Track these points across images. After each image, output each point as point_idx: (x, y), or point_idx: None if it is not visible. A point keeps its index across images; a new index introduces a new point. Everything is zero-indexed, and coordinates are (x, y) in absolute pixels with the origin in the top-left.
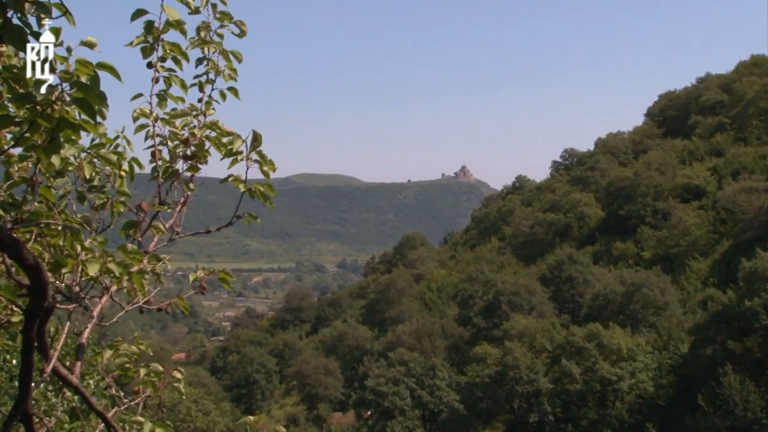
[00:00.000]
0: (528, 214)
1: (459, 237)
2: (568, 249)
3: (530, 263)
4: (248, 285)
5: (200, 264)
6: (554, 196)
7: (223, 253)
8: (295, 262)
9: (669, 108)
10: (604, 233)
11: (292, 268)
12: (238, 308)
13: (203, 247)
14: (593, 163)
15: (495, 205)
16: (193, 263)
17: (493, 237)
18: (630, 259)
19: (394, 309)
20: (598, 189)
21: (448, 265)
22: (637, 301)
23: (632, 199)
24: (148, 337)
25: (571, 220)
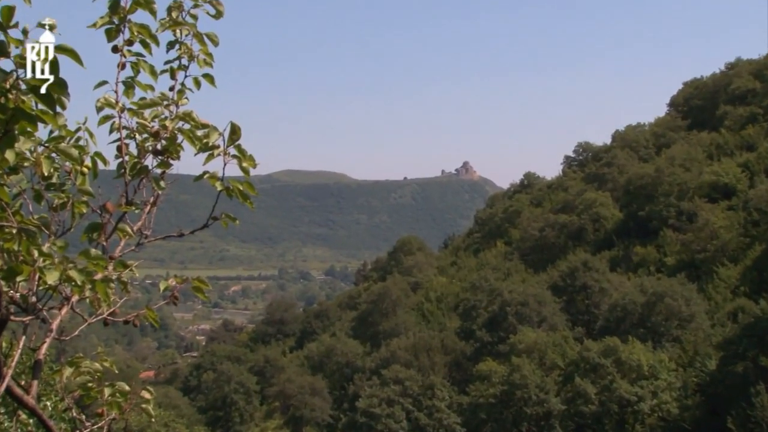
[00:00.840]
0: (537, 215)
1: (461, 241)
2: (583, 254)
3: (540, 270)
4: (225, 295)
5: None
6: (567, 195)
7: (197, 259)
8: (277, 268)
9: (695, 97)
10: (623, 237)
11: (274, 275)
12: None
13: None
14: (610, 159)
15: (501, 205)
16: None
17: (498, 241)
18: (651, 265)
19: (388, 321)
20: (615, 187)
21: (448, 272)
22: (660, 313)
23: (654, 199)
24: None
25: (585, 222)
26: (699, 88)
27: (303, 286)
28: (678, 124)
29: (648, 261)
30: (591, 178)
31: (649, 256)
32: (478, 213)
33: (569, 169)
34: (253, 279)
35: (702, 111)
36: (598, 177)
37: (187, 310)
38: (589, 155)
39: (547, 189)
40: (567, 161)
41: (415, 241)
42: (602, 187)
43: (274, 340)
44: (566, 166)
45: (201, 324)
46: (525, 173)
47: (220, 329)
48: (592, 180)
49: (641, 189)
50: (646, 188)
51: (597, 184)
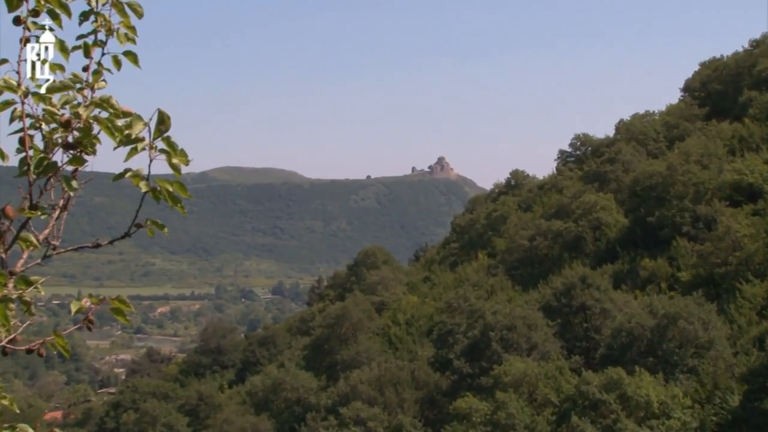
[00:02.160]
0: (527, 221)
1: (435, 252)
2: (581, 268)
3: (530, 287)
4: (151, 318)
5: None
6: (562, 197)
7: (116, 275)
8: (214, 286)
9: (713, 80)
10: (628, 247)
11: (210, 294)
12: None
13: (89, 266)
14: (613, 154)
15: (483, 209)
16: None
17: (480, 252)
18: (662, 281)
19: (347, 349)
20: (619, 188)
21: (420, 289)
22: (672, 339)
23: (665, 202)
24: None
25: (584, 230)
26: (718, 70)
27: (245, 307)
28: (694, 112)
29: (658, 276)
30: (590, 178)
31: (660, 270)
32: (455, 219)
33: (564, 166)
34: (184, 299)
35: (722, 97)
36: (599, 176)
37: (103, 336)
38: (588, 150)
39: (539, 190)
40: (562, 157)
41: (380, 252)
42: (604, 187)
43: (209, 372)
44: (561, 162)
45: (120, 353)
46: (512, 171)
47: (144, 359)
48: (591, 179)
49: (650, 190)
50: (656, 189)
51: (598, 185)
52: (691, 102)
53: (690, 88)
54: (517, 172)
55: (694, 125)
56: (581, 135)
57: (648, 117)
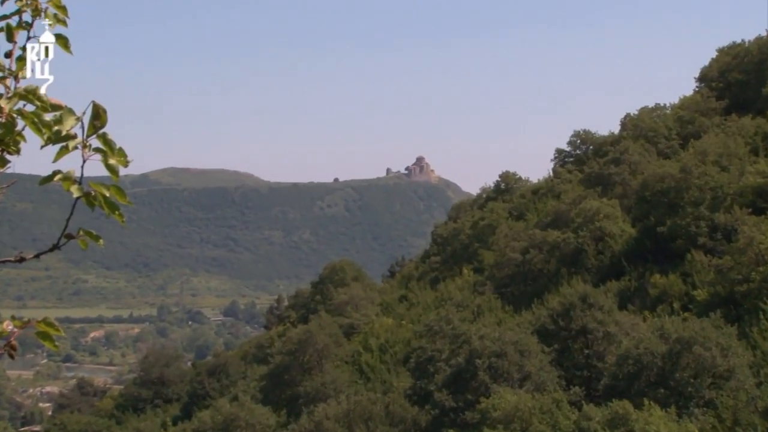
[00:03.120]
0: (519, 231)
1: (413, 267)
2: (581, 286)
3: (522, 307)
4: (82, 343)
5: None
6: (559, 203)
7: (42, 294)
8: (156, 306)
9: (733, 69)
10: (636, 261)
11: (151, 316)
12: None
13: (10, 283)
14: (619, 154)
15: (468, 217)
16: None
17: (465, 267)
18: (675, 301)
19: (311, 380)
20: (626, 193)
21: (396, 310)
22: (687, 367)
23: (678, 209)
24: None
25: (584, 242)
26: (739, 57)
27: (192, 331)
28: (711, 105)
29: (670, 295)
30: (592, 181)
31: (672, 288)
32: (436, 228)
33: (562, 167)
34: (121, 321)
35: (744, 88)
36: (603, 179)
37: (26, 365)
38: (589, 149)
39: (532, 195)
40: (559, 157)
41: (350, 267)
42: (608, 192)
43: (150, 407)
44: (558, 163)
45: (46, 385)
46: (501, 173)
47: (74, 392)
48: (593, 183)
49: (661, 195)
50: (668, 194)
51: (600, 189)
52: (708, 94)
53: (706, 77)
54: (507, 174)
55: (711, 120)
56: (581, 132)
57: (658, 111)
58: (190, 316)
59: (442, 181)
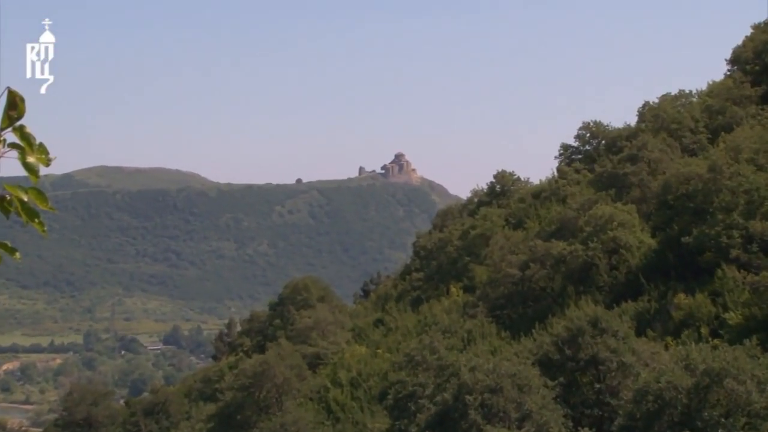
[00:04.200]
0: (517, 242)
1: (390, 284)
2: (591, 307)
3: (521, 333)
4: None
5: None
6: (565, 209)
7: None
8: (82, 333)
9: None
10: (657, 278)
11: (76, 345)
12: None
13: None
14: (636, 150)
15: (457, 225)
16: None
17: (453, 285)
18: (703, 325)
19: (269, 421)
20: (644, 197)
21: (370, 337)
22: (717, 404)
23: (706, 216)
24: None
25: (595, 255)
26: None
27: (126, 363)
28: (745, 92)
29: (698, 318)
30: (604, 182)
31: (700, 309)
32: (419, 238)
33: (569, 166)
34: (40, 351)
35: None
36: (617, 179)
37: None
38: (601, 144)
39: (533, 199)
40: (565, 154)
41: (315, 285)
42: (623, 196)
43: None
44: (564, 161)
45: None
46: (496, 173)
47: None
48: (606, 184)
49: (686, 200)
50: (695, 198)
51: (615, 192)
52: (742, 78)
53: (740, 59)
54: (503, 174)
55: (745, 110)
56: (592, 123)
57: (683, 99)
58: (122, 344)
59: (425, 182)
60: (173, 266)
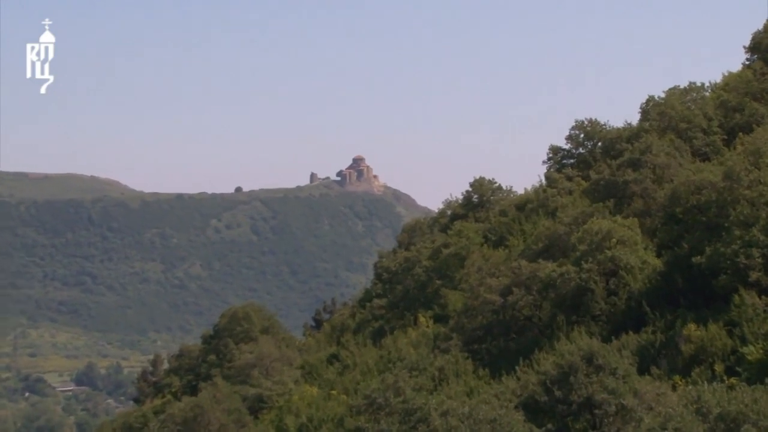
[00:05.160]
0: (498, 263)
1: (347, 313)
2: (586, 340)
3: (502, 371)
4: None
5: None
6: (555, 224)
7: None
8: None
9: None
10: (663, 306)
11: None
12: None
13: None
14: (638, 153)
15: (426, 242)
16: None
17: (421, 314)
18: (717, 361)
19: None
20: (648, 209)
21: (323, 376)
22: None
23: (721, 232)
24: None
25: (590, 277)
26: None
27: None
28: (766, 86)
29: (711, 353)
30: (601, 191)
31: (714, 343)
32: (381, 258)
33: (559, 173)
34: None
35: None
36: (616, 188)
37: None
38: (597, 146)
39: (518, 212)
40: (555, 158)
41: (258, 314)
42: (623, 208)
43: None
44: (553, 167)
45: None
46: (473, 180)
47: None
48: (603, 194)
49: (698, 212)
50: (708, 211)
51: (613, 203)
52: (763, 69)
53: (761, 46)
54: (482, 182)
55: (766, 107)
56: (586, 122)
57: (694, 93)
58: (27, 384)
59: (388, 191)
60: (88, 291)
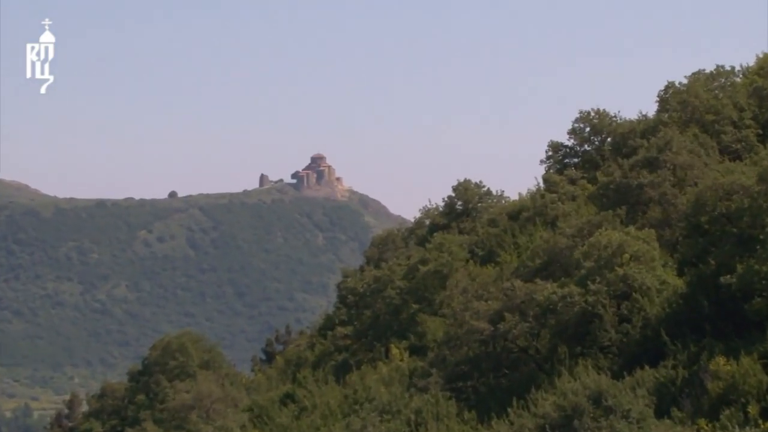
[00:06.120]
0: (486, 282)
1: (305, 344)
2: (593, 376)
3: (493, 414)
4: None
5: None
6: (555, 236)
7: None
8: None
9: None
10: (685, 335)
11: None
12: None
13: None
14: (656, 151)
15: (400, 258)
16: None
17: (394, 345)
18: (751, 401)
19: None
20: (667, 218)
21: (275, 419)
22: None
23: (755, 245)
24: None
25: (598, 300)
26: None
27: None
28: None
29: (743, 392)
30: (611, 197)
31: (746, 380)
32: (346, 278)
33: (560, 174)
34: None
35: None
36: (628, 193)
37: None
38: (605, 142)
39: (511, 222)
40: (555, 157)
41: (196, 345)
42: (637, 217)
43: None
44: (553, 167)
45: None
46: (457, 184)
47: None
48: (613, 200)
49: (727, 222)
50: (739, 221)
51: (626, 211)
52: None
53: None
54: (467, 185)
55: None
56: (593, 113)
57: (722, 79)
58: None
59: (354, 196)
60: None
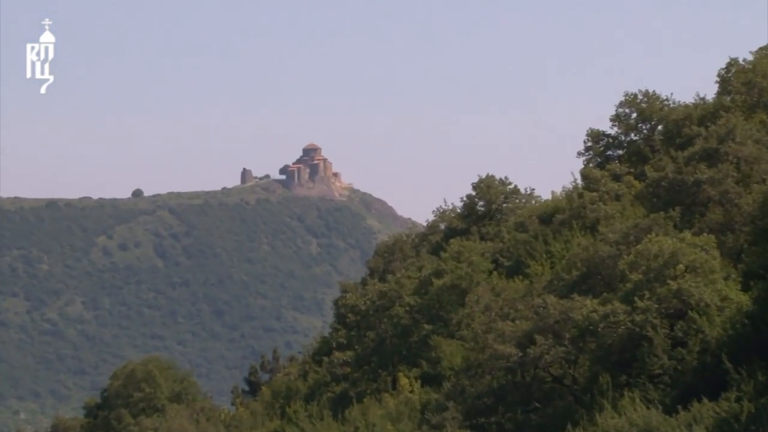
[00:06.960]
0: (513, 298)
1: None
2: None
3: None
4: None
5: None
6: (595, 243)
7: None
8: None
9: None
10: (751, 359)
11: None
12: None
13: None
14: (715, 141)
15: (410, 269)
16: None
17: (403, 372)
18: None
19: None
20: (730, 222)
21: None
22: None
23: None
24: None
25: (648, 320)
26: None
27: None
28: None
29: None
30: (663, 196)
31: None
32: (345, 294)
33: (602, 169)
34: None
35: None
36: (682, 192)
37: None
38: (655, 130)
39: (541, 225)
40: (595, 148)
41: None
42: (694, 219)
43: None
44: (593, 160)
45: None
46: (478, 180)
47: None
48: (665, 200)
49: None
50: None
51: (679, 212)
52: None
53: None
54: (490, 182)
55: None
56: (640, 95)
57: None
58: None
59: (355, 195)
60: None
